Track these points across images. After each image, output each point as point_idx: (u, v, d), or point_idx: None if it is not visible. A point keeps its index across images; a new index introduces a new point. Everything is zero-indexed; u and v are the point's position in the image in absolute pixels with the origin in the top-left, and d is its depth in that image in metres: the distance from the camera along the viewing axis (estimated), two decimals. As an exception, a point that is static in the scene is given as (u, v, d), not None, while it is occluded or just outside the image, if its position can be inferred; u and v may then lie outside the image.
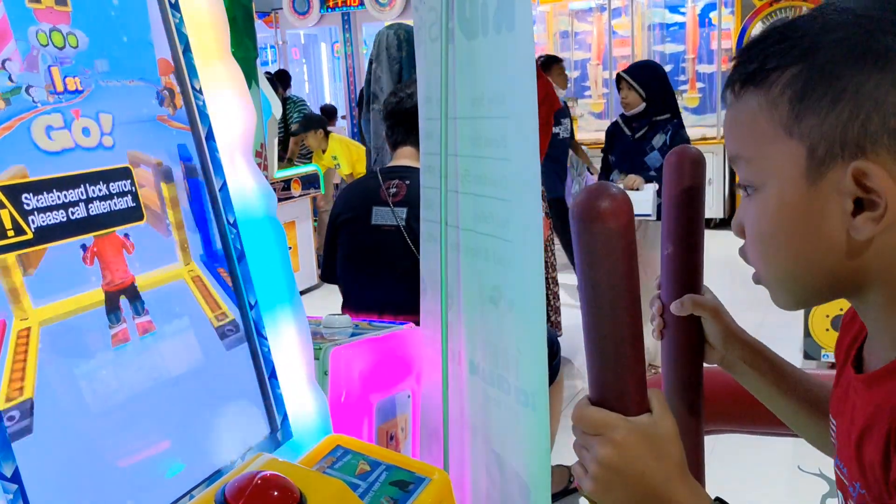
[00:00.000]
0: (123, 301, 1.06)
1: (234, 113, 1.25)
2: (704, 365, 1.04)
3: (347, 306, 2.52)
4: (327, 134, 6.76)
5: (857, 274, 0.70)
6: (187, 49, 1.17)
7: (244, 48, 1.97)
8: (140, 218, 1.06)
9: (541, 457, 1.35)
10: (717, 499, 0.74)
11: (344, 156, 6.58)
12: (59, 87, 1.00)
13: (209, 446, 1.11)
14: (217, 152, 1.19)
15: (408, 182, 2.37)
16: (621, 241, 0.70)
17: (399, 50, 4.00)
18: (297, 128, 6.66)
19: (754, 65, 0.71)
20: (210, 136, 1.18)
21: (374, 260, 2.44)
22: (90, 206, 0.97)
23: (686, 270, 1.01)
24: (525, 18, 1.31)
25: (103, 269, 1.03)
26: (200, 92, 1.18)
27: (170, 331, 1.12)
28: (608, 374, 0.74)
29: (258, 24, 11.11)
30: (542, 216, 3.87)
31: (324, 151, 6.67)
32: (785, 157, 0.69)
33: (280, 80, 7.75)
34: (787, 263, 0.74)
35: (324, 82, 12.46)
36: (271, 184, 6.25)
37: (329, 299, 2.70)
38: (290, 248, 6.00)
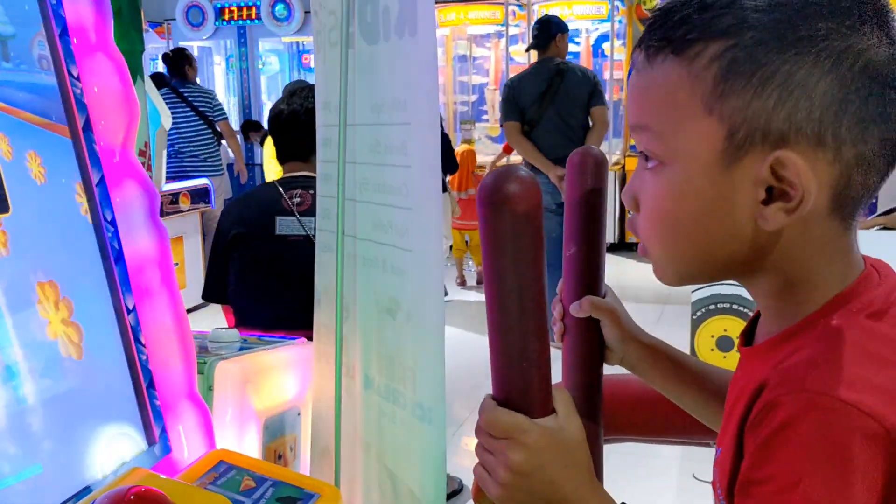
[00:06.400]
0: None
1: (115, 105, 1.17)
2: (606, 373, 1.03)
3: (243, 324, 2.38)
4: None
5: (752, 262, 0.69)
6: (64, 33, 1.08)
7: (129, 41, 1.88)
8: (6, 210, 0.97)
9: (436, 472, 1.31)
10: None
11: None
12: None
13: (77, 460, 1.01)
14: (95, 144, 1.10)
15: (312, 191, 2.30)
16: (529, 227, 0.67)
17: None
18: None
19: (676, 31, 0.67)
20: (87, 128, 1.09)
21: (279, 272, 2.33)
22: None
23: (588, 271, 0.99)
24: (428, 23, 1.29)
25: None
26: (78, 80, 1.09)
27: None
28: (513, 370, 0.70)
29: (150, 34, 10.77)
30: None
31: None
32: (701, 135, 0.66)
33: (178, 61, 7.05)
34: (684, 245, 0.71)
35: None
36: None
37: (219, 317, 2.60)
38: (177, 264, 5.79)
